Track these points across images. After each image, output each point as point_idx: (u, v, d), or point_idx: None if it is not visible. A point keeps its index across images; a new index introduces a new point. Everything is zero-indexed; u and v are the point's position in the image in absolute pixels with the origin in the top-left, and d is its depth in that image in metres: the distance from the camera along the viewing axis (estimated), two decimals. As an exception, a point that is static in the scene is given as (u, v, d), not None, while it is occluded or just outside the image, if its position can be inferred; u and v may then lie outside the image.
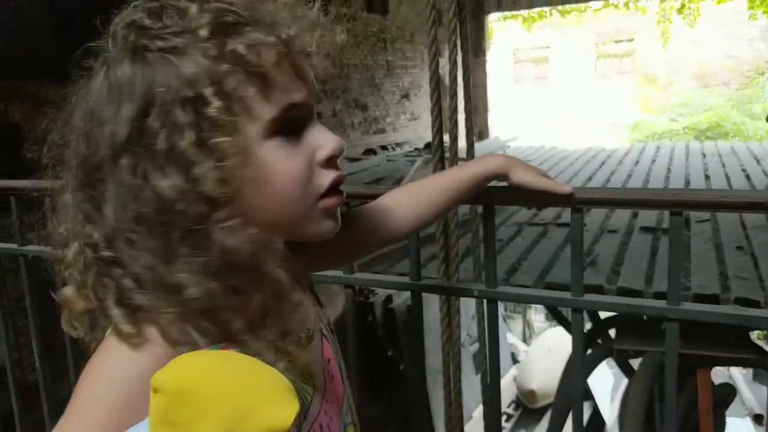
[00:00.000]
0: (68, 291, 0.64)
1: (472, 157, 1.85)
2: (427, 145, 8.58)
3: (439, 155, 1.64)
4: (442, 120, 1.59)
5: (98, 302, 0.62)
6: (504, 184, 1.04)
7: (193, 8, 0.62)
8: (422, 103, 10.09)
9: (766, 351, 3.77)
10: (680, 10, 13.33)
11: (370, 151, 8.58)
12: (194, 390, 0.46)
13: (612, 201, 1.23)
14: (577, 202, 1.07)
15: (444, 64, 1.77)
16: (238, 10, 0.63)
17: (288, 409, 0.46)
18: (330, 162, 0.69)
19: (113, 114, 0.61)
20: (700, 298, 2.90)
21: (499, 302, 1.26)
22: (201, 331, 0.60)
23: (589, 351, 4.61)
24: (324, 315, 0.83)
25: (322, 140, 0.68)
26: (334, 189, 0.70)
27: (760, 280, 3.14)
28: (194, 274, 0.59)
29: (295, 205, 0.68)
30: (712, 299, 2.92)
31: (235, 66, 0.61)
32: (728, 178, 6.40)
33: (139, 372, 0.56)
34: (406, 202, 0.99)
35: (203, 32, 0.61)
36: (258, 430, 0.45)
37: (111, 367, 0.59)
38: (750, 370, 7.83)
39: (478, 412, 5.66)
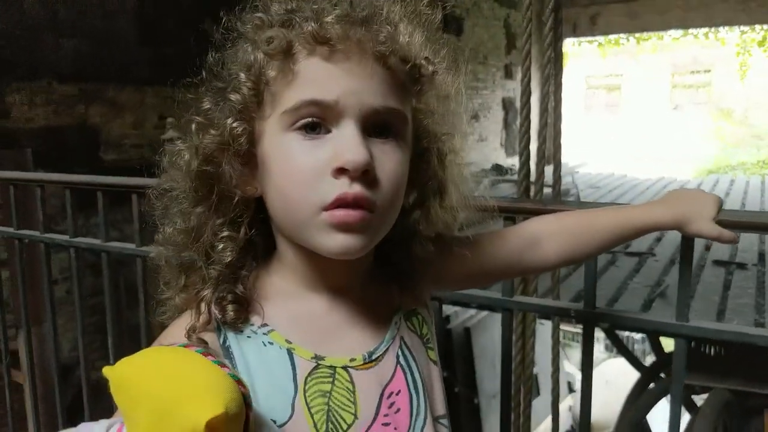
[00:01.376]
0: None
1: (559, 178, 1.88)
2: (494, 167, 8.57)
3: (525, 173, 1.67)
4: (529, 141, 1.62)
5: None
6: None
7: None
8: (490, 125, 10.07)
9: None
10: (761, 43, 12.98)
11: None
12: (130, 382, 0.51)
13: (748, 225, 1.07)
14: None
15: (515, 86, 1.80)
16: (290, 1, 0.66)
17: (203, 410, 0.47)
18: (341, 173, 0.62)
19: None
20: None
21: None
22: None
23: (652, 385, 4.50)
24: (418, 346, 0.77)
25: (341, 149, 0.61)
26: (348, 204, 0.62)
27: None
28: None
29: (294, 208, 0.64)
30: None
31: (270, 51, 0.63)
32: (807, 217, 6.12)
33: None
34: (560, 233, 0.88)
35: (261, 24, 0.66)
36: (179, 424, 0.48)
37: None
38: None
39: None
